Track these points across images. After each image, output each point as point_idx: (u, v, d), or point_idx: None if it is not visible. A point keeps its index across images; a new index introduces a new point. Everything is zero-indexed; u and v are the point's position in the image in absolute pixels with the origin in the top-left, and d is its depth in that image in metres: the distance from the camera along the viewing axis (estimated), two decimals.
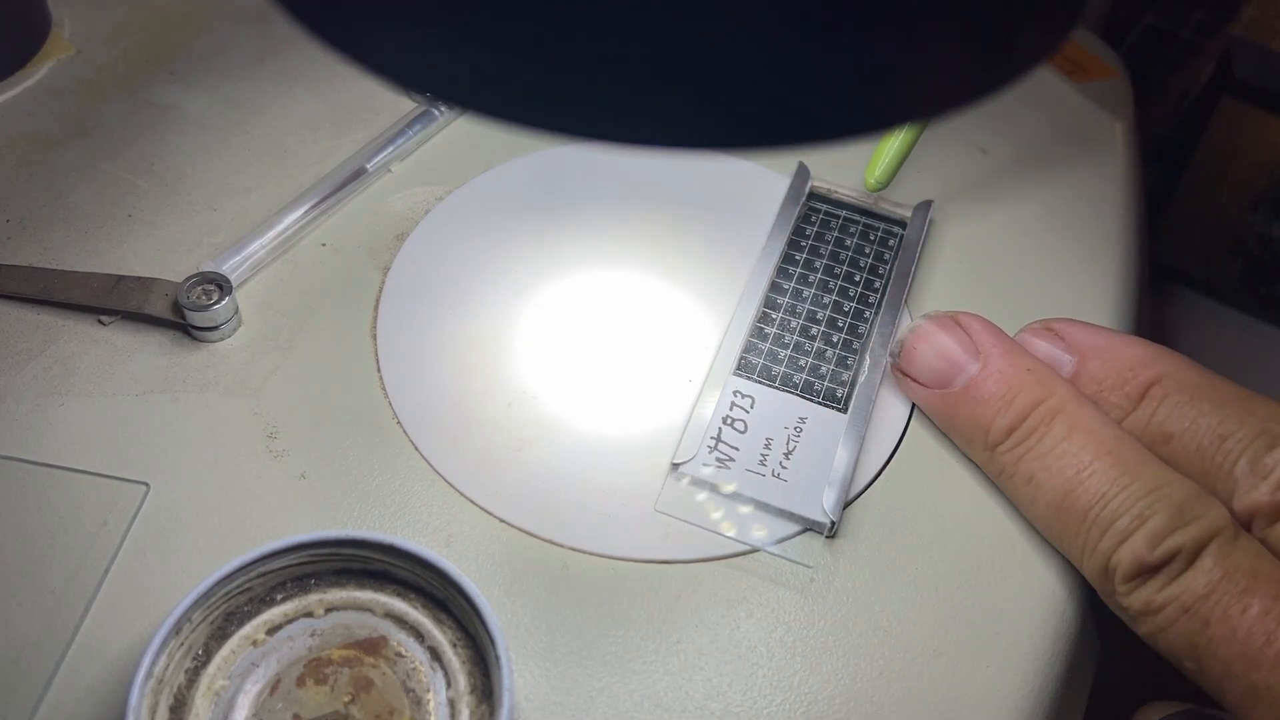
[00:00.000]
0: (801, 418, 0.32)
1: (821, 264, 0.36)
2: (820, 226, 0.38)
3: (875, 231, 0.37)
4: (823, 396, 0.33)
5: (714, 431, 0.32)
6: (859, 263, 0.36)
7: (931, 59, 0.17)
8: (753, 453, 0.31)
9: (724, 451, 0.31)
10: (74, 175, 0.37)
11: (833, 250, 0.37)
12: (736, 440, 0.31)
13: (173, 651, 0.24)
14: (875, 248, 0.37)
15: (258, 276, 0.35)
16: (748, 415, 0.32)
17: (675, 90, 0.16)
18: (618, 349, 0.34)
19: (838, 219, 0.38)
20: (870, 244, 0.37)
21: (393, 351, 0.33)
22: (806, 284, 0.36)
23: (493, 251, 0.36)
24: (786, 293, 0.35)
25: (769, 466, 0.31)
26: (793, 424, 0.32)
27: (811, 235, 0.37)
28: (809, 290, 0.36)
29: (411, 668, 0.25)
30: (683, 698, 0.27)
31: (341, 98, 0.41)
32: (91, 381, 0.32)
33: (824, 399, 0.33)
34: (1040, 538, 0.30)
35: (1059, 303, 0.36)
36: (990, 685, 0.28)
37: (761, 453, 0.31)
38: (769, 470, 0.31)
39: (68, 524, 0.28)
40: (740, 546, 0.30)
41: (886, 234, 0.37)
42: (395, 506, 0.30)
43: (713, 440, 0.31)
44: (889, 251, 0.37)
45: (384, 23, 0.16)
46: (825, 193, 0.39)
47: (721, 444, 0.31)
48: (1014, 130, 0.43)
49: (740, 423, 0.32)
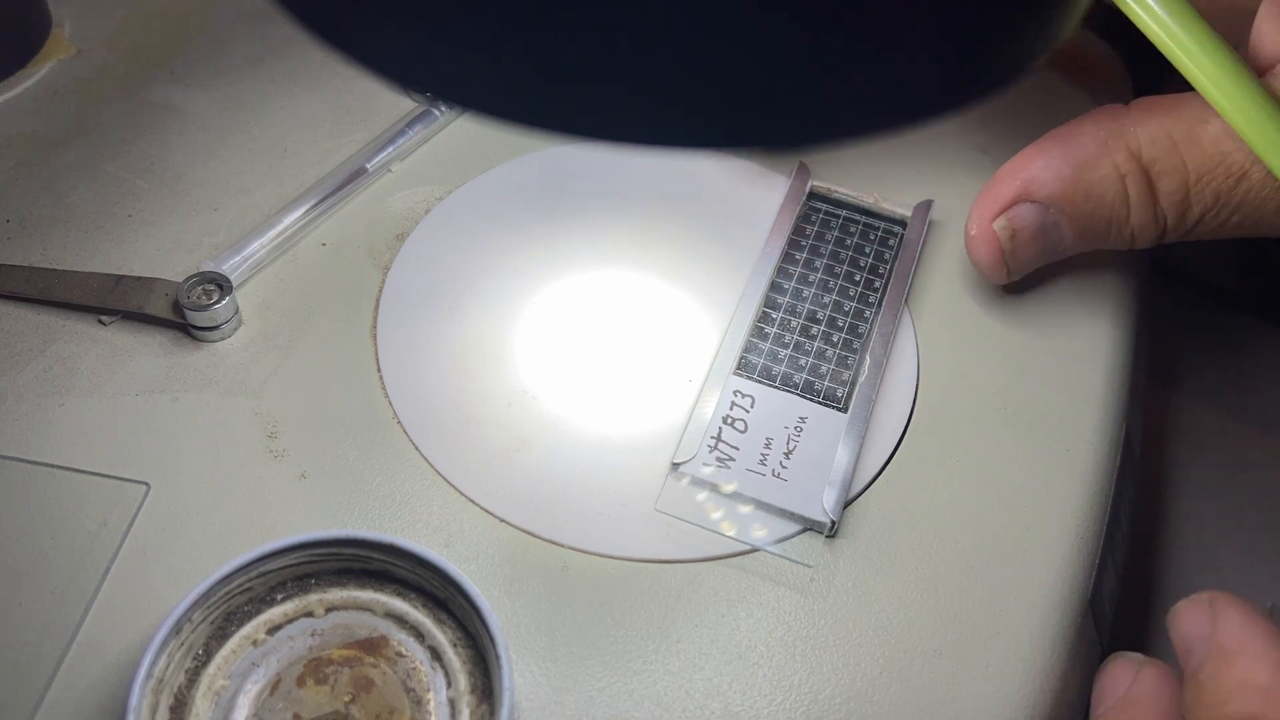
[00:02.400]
0: (802, 417, 0.32)
1: (822, 263, 0.36)
2: (820, 226, 0.38)
3: (875, 231, 0.37)
4: (823, 396, 0.33)
5: (714, 431, 0.32)
6: (859, 262, 0.36)
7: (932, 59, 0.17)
8: (753, 452, 0.31)
9: (724, 451, 0.31)
10: (74, 175, 0.37)
11: (833, 250, 0.37)
12: (737, 440, 0.31)
13: (173, 651, 0.24)
14: (875, 247, 0.37)
15: (258, 276, 0.35)
16: (748, 415, 0.32)
17: (674, 90, 0.16)
18: (618, 349, 0.34)
19: (838, 218, 0.38)
20: (870, 243, 0.37)
21: (393, 351, 0.33)
22: (807, 284, 0.36)
23: (492, 251, 0.36)
24: (787, 292, 0.35)
25: (769, 466, 0.31)
26: (793, 424, 0.32)
27: (812, 235, 0.37)
28: (809, 290, 0.36)
29: (412, 667, 0.25)
30: (683, 698, 0.27)
31: (341, 98, 0.41)
32: (91, 381, 0.32)
33: (824, 399, 0.33)
34: (1039, 538, 0.30)
35: (1059, 303, 0.36)
36: (990, 685, 0.28)
37: (762, 452, 0.31)
38: (769, 470, 0.31)
39: (68, 524, 0.28)
40: (740, 546, 0.30)
41: (887, 233, 0.37)
42: (395, 506, 0.30)
43: (713, 440, 0.31)
44: (889, 251, 0.37)
45: (384, 23, 0.16)
46: (825, 192, 0.39)
47: (722, 444, 0.31)
48: (1014, 130, 0.43)
49: (740, 422, 0.32)
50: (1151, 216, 0.33)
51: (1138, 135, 0.33)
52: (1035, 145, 0.34)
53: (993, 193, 0.34)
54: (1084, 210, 0.34)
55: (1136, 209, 0.33)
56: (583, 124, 0.16)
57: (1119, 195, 0.33)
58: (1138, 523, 0.39)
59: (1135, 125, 0.33)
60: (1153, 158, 0.32)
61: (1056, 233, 0.34)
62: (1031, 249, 0.34)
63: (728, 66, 0.15)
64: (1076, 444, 0.33)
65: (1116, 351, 0.36)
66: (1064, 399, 0.34)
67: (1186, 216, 0.33)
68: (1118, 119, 0.33)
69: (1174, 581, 0.40)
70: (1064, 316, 0.36)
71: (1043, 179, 0.33)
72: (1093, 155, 0.33)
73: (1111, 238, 0.34)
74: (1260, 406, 0.46)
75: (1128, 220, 0.34)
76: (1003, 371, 0.34)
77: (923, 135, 0.41)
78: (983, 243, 0.34)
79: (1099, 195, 0.33)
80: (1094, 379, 0.35)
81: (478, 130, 0.40)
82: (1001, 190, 0.34)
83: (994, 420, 0.33)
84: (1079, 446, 0.33)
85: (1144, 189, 0.33)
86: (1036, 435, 0.33)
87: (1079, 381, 0.34)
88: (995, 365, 0.35)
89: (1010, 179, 0.34)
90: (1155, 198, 0.33)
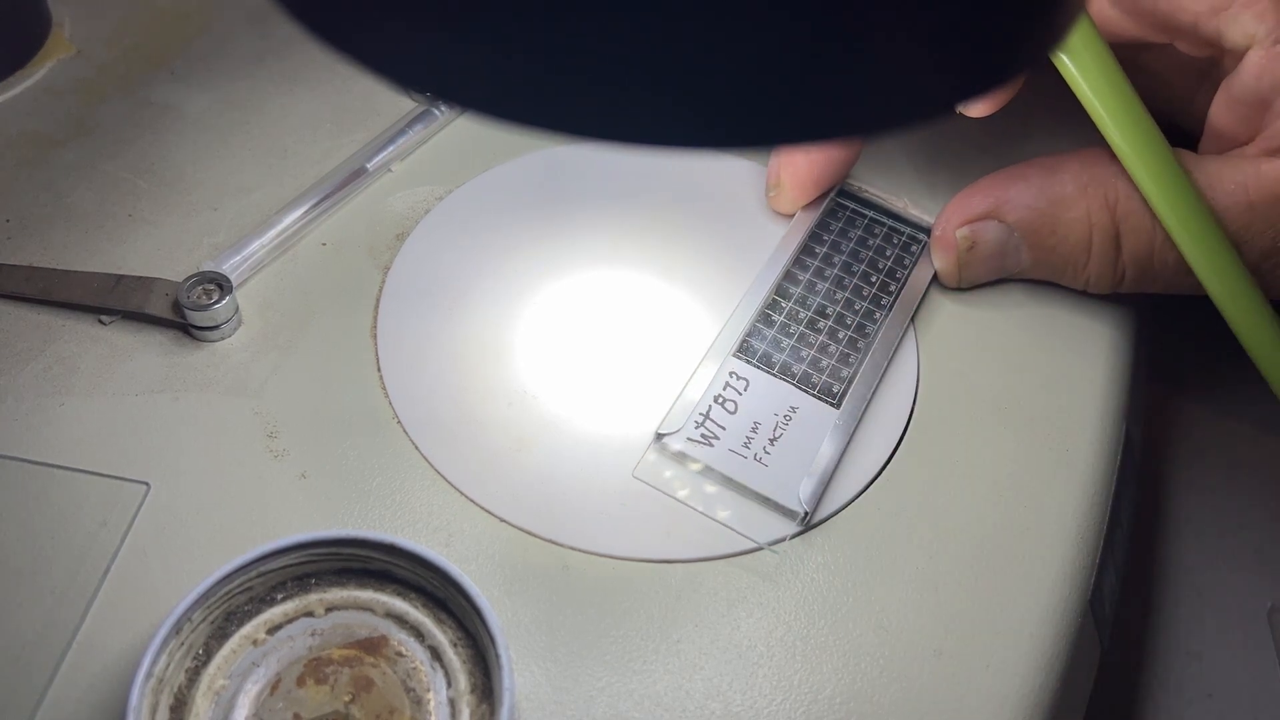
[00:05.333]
0: (793, 407, 0.32)
1: (840, 260, 0.36)
2: (845, 224, 0.37)
3: (900, 235, 0.37)
4: (818, 390, 0.33)
5: (704, 408, 0.32)
6: (878, 264, 0.36)
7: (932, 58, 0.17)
8: (738, 434, 0.31)
9: (710, 429, 0.31)
10: (74, 175, 0.37)
11: (854, 249, 0.37)
12: (724, 419, 0.32)
13: (173, 651, 0.24)
14: (897, 252, 0.37)
15: (258, 276, 0.35)
16: (740, 397, 0.32)
17: (675, 90, 0.16)
18: (618, 349, 0.34)
19: (864, 218, 0.38)
20: (893, 247, 0.37)
21: (393, 351, 0.33)
22: (822, 278, 0.36)
23: (493, 251, 0.36)
24: (800, 283, 0.35)
25: (752, 450, 0.31)
26: (783, 412, 0.32)
27: (835, 231, 0.37)
28: (823, 284, 0.36)
29: (412, 667, 0.25)
30: (683, 698, 0.27)
31: (341, 98, 0.41)
32: (91, 381, 0.32)
33: (819, 392, 0.33)
34: (1039, 538, 0.30)
35: (1060, 302, 0.36)
36: (990, 685, 0.28)
37: (748, 435, 0.31)
38: (752, 454, 0.31)
39: (68, 524, 0.28)
40: (742, 546, 0.30)
41: (910, 239, 0.37)
42: (395, 506, 0.30)
43: (701, 416, 0.32)
44: (910, 257, 0.37)
45: (384, 22, 0.16)
46: (855, 190, 0.39)
47: (709, 421, 0.31)
48: (1015, 130, 0.43)
49: (731, 403, 0.32)
50: (1110, 269, 0.35)
51: (1118, 187, 0.33)
52: (1019, 168, 0.35)
53: (966, 202, 0.35)
54: (1046, 244, 0.35)
55: (1096, 259, 0.34)
56: (584, 124, 0.16)
57: (1082, 242, 0.34)
58: (1138, 523, 0.39)
59: (1119, 177, 0.33)
60: (1126, 213, 0.33)
61: (1015, 256, 0.35)
62: (986, 264, 0.36)
63: (728, 65, 0.15)
64: (1076, 444, 0.33)
65: (1116, 351, 0.36)
66: (1064, 399, 0.34)
67: (1147, 274, 0.34)
68: (1103, 165, 0.34)
69: (1174, 581, 0.40)
70: (1064, 316, 0.36)
71: (1016, 203, 0.35)
72: (1070, 195, 0.34)
73: (1067, 277, 0.36)
74: (1260, 407, 0.46)
75: (1085, 266, 0.35)
76: (1003, 371, 0.34)
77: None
78: (942, 246, 0.36)
79: (1063, 235, 0.34)
80: (1094, 379, 0.35)
81: (478, 130, 0.40)
82: (975, 202, 0.35)
83: (994, 420, 0.33)
84: (1079, 446, 0.33)
85: (1109, 244, 0.34)
86: (1036, 435, 0.33)
87: (1079, 381, 0.34)
88: (995, 365, 0.35)
89: (986, 194, 0.35)
90: (1119, 253, 0.34)
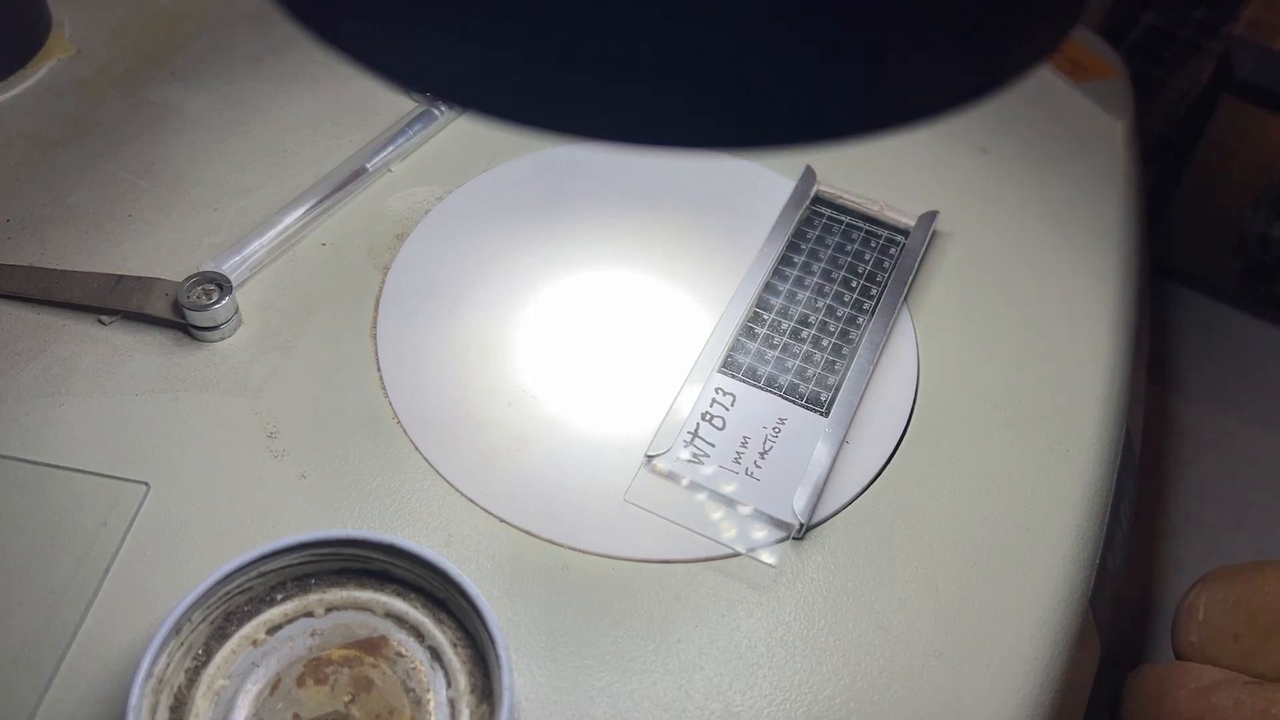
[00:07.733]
0: (781, 419, 0.32)
1: (819, 268, 0.36)
2: (822, 230, 0.37)
3: (877, 239, 0.37)
4: (806, 399, 0.33)
5: (691, 426, 0.32)
6: (857, 269, 0.36)
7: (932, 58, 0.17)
8: (728, 450, 0.31)
9: (699, 447, 0.31)
10: (74, 175, 0.37)
11: (832, 255, 0.37)
12: (713, 436, 0.32)
13: (173, 651, 0.24)
14: (876, 255, 0.37)
15: (258, 276, 0.35)
16: (727, 413, 0.32)
17: (676, 90, 0.16)
18: (618, 349, 0.34)
19: (840, 224, 0.38)
20: (871, 251, 0.37)
21: (393, 351, 0.33)
22: (802, 287, 0.36)
23: (492, 251, 0.36)
24: (781, 294, 0.35)
25: (743, 465, 0.31)
26: (772, 424, 0.32)
27: (813, 239, 0.37)
28: (804, 293, 0.36)
29: (411, 667, 0.25)
30: (683, 698, 0.27)
31: (341, 98, 0.41)
32: (91, 381, 0.32)
33: (807, 402, 0.33)
34: (1039, 538, 0.30)
35: (1058, 302, 0.36)
36: (990, 685, 0.28)
37: (737, 450, 0.31)
38: (743, 469, 0.31)
39: (68, 524, 0.28)
40: (741, 545, 0.30)
41: (889, 242, 0.37)
42: (395, 506, 0.30)
43: (689, 435, 0.31)
44: (889, 260, 0.37)
45: (384, 22, 0.16)
46: (830, 197, 0.39)
47: (698, 439, 0.31)
48: (1014, 130, 0.43)
49: (719, 419, 0.32)
50: None
51: None
52: None
53: None
54: None
55: None
56: (584, 124, 0.16)
57: None
58: (1138, 523, 0.39)
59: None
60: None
61: None
62: None
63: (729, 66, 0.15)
64: (1076, 444, 0.33)
65: (1116, 351, 0.36)
66: (1064, 399, 0.34)
67: None
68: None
69: (1174, 581, 0.40)
70: (1064, 317, 0.36)
71: None
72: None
73: None
74: (1260, 406, 0.46)
75: None
76: (1003, 372, 0.34)
77: (935, 146, 0.41)
78: None
79: None
80: (1094, 379, 0.35)
81: (478, 130, 0.40)
82: None
83: (994, 420, 0.33)
84: (1079, 446, 0.33)
85: None
86: (1036, 435, 0.33)
87: (1079, 381, 0.34)
88: (995, 366, 0.35)
89: None
90: None
